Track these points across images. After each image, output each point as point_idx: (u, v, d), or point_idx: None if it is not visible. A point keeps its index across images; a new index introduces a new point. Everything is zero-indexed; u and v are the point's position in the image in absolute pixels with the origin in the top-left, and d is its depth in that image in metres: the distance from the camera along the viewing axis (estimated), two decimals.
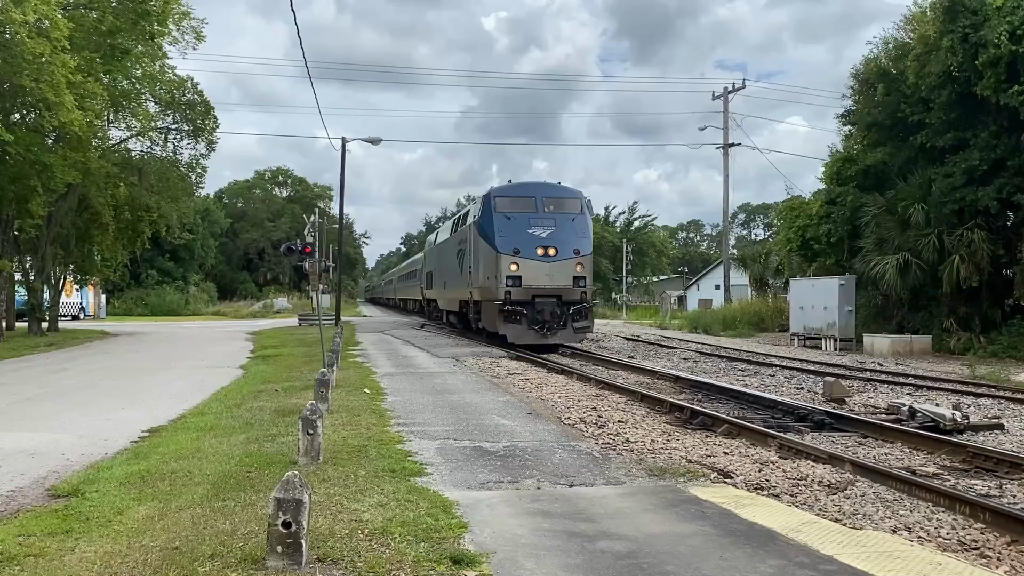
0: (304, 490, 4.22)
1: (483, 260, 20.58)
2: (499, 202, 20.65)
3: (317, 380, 9.48)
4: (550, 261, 19.60)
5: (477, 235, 21.18)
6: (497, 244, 19.74)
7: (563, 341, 19.96)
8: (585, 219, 20.84)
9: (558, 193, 21.29)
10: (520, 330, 19.42)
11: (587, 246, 20.37)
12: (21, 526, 5.23)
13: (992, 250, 20.84)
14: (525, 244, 19.65)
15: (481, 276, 20.81)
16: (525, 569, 4.34)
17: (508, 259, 19.52)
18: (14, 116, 23.47)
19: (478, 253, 21.06)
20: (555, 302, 19.54)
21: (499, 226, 19.97)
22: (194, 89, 31.66)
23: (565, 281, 19.68)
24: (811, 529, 5.15)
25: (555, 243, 19.76)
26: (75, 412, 10.77)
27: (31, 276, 30.05)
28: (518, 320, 19.36)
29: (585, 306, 19.89)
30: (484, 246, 20.48)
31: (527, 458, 7.34)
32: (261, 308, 61.57)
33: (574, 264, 19.79)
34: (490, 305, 20.18)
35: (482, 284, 20.68)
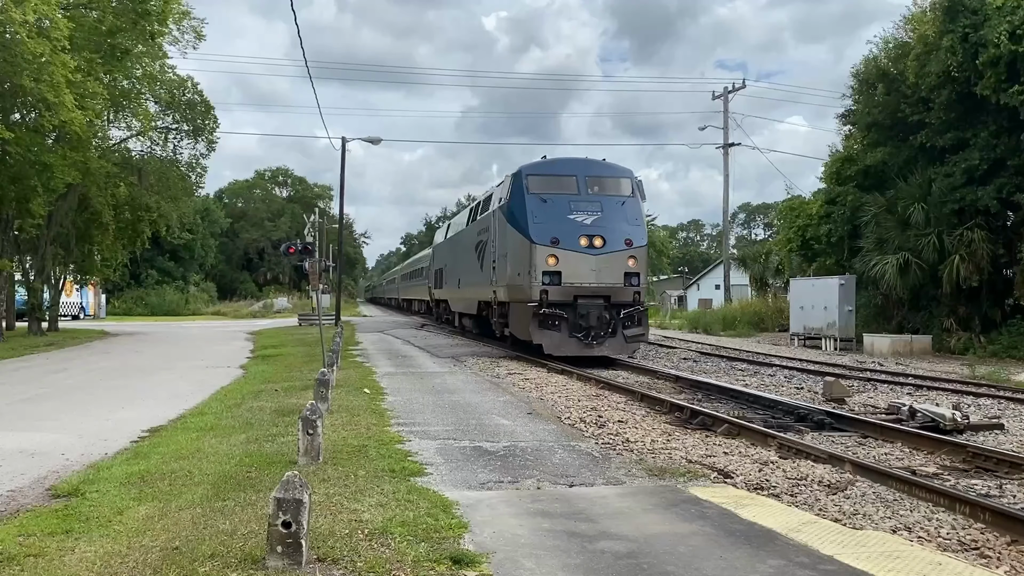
0: (304, 490, 4.22)
1: (512, 252, 17.29)
2: (532, 182, 17.19)
3: (317, 380, 9.48)
4: (596, 253, 16.28)
5: (504, 222, 17.87)
6: (531, 233, 16.40)
7: (612, 353, 16.67)
8: (637, 203, 17.44)
9: (604, 171, 18.01)
10: (559, 339, 16.13)
11: (641, 236, 16.98)
12: (21, 526, 5.23)
13: (992, 250, 20.83)
14: (565, 233, 16.31)
15: (509, 272, 17.51)
16: (525, 569, 4.34)
17: (545, 251, 16.21)
18: (14, 116, 23.47)
19: (505, 244, 17.76)
20: (602, 304, 16.33)
21: (533, 211, 16.64)
22: (194, 89, 31.70)
23: (614, 278, 16.39)
24: (811, 529, 5.15)
25: (602, 232, 16.43)
26: (75, 412, 10.77)
27: (31, 276, 30.05)
28: (556, 326, 16.13)
29: (639, 309, 16.63)
30: (514, 235, 17.18)
31: (527, 458, 7.34)
32: (261, 308, 61.57)
33: (625, 257, 16.45)
34: (521, 307, 16.87)
35: (510, 282, 17.41)
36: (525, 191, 17.01)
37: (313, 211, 67.05)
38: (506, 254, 17.72)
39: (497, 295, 18.88)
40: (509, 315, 18.02)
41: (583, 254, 16.28)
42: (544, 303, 16.06)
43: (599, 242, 16.34)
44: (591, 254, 16.28)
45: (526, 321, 16.46)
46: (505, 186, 18.30)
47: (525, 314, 16.49)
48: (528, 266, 16.34)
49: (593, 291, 16.27)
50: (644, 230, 17.30)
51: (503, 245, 18.02)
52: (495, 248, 18.81)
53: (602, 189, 17.34)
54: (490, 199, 20.69)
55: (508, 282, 17.57)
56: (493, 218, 19.24)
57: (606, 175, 17.81)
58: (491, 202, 20.21)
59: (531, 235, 16.41)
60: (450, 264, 27.25)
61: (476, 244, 21.43)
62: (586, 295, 16.26)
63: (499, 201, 18.75)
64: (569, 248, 16.27)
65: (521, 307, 16.90)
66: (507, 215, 17.64)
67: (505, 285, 17.83)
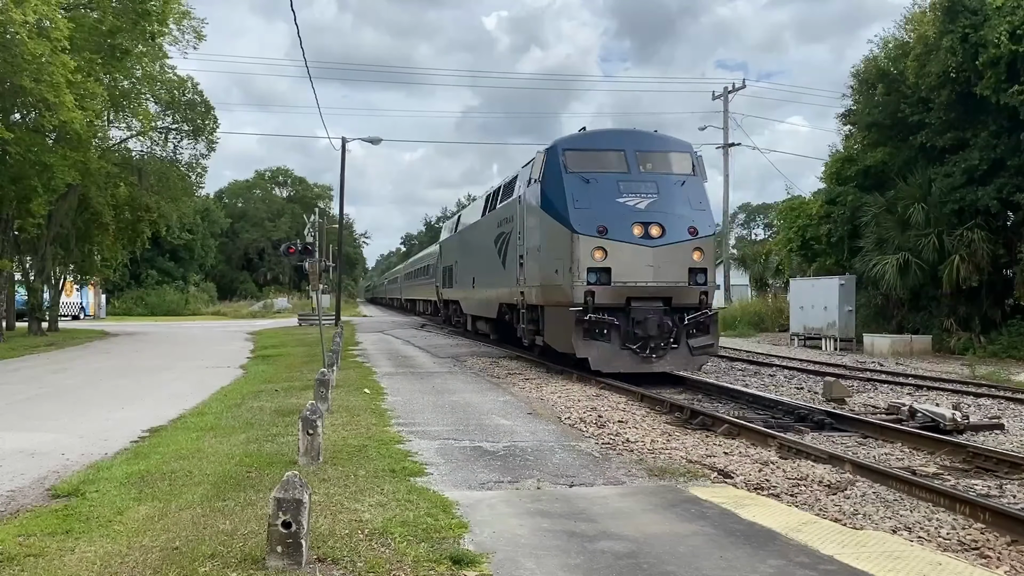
0: (304, 490, 4.22)
1: (547, 245, 14.47)
2: (572, 158, 14.27)
3: (317, 380, 9.48)
4: (655, 245, 13.34)
5: (535, 209, 15.05)
6: (572, 220, 13.43)
7: (675, 368, 13.78)
8: (699, 183, 14.60)
9: (658, 144, 15.07)
10: (609, 351, 13.18)
11: (707, 223, 14.09)
12: (21, 526, 5.23)
13: (992, 250, 20.82)
14: (615, 220, 13.37)
15: (543, 269, 14.64)
16: (525, 569, 4.34)
17: (590, 242, 13.23)
18: (14, 116, 23.48)
19: (538, 235, 14.97)
20: (662, 308, 13.36)
21: (574, 193, 13.72)
22: (194, 89, 31.72)
23: (677, 275, 13.42)
24: (811, 529, 5.15)
25: (660, 218, 13.50)
26: (75, 412, 10.78)
27: (31, 276, 30.05)
28: (605, 335, 13.17)
29: (707, 314, 13.70)
30: (549, 224, 14.33)
31: (527, 458, 7.34)
32: (261, 308, 61.59)
33: (690, 250, 13.52)
34: (560, 313, 13.99)
35: (545, 281, 14.53)
36: (563, 170, 14.10)
37: (313, 211, 67.02)
38: (539, 247, 14.85)
39: (526, 297, 16.03)
40: (543, 321, 15.21)
41: (638, 246, 13.33)
42: (590, 307, 13.10)
43: (657, 231, 13.39)
44: (648, 246, 13.33)
45: (566, 329, 13.52)
46: (536, 165, 15.31)
47: (565, 321, 13.60)
48: (569, 262, 13.41)
49: (651, 292, 13.36)
50: (711, 216, 14.41)
51: (534, 237, 15.18)
52: (523, 241, 16.03)
53: (656, 166, 14.47)
54: (513, 184, 17.82)
55: (542, 281, 14.71)
56: (519, 205, 16.50)
57: (661, 149, 14.86)
58: (515, 187, 17.32)
59: (572, 223, 13.43)
60: (462, 261, 24.59)
61: (496, 237, 18.71)
62: (642, 297, 13.38)
63: (527, 184, 15.91)
64: (620, 239, 13.29)
65: (560, 312, 14.02)
66: (539, 200, 14.77)
67: (538, 285, 15.00)
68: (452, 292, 27.15)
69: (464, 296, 24.46)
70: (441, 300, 30.93)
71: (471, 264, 22.72)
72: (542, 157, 15.02)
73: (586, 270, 13.25)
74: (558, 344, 14.40)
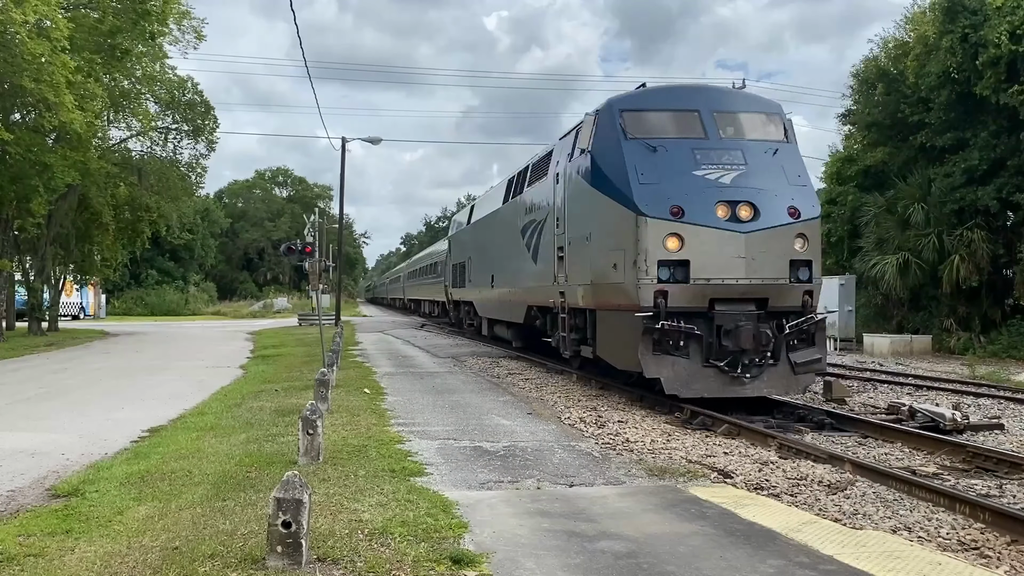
0: (304, 490, 4.22)
1: (600, 232, 11.56)
2: (632, 121, 11.27)
3: (317, 380, 9.48)
4: (746, 231, 10.27)
5: (583, 187, 12.18)
6: (637, 199, 10.41)
7: (774, 391, 10.66)
8: (795, 152, 11.61)
9: (741, 104, 12.13)
10: (688, 369, 10.20)
11: (810, 201, 10.92)
12: (21, 526, 5.23)
13: (992, 250, 20.84)
14: (693, 198, 10.39)
15: (593, 263, 11.79)
16: (525, 569, 4.34)
17: (661, 227, 10.21)
18: (14, 116, 23.48)
19: (585, 220, 12.15)
20: (755, 312, 10.32)
21: (638, 164, 10.72)
22: (194, 89, 31.75)
23: (775, 270, 10.41)
24: (811, 529, 5.15)
25: (751, 195, 10.46)
26: (75, 412, 10.78)
27: (31, 276, 30.06)
28: (682, 348, 10.18)
29: (813, 319, 10.59)
30: (603, 205, 11.43)
31: (527, 458, 7.34)
32: (261, 308, 61.59)
33: (791, 236, 10.52)
34: (619, 319, 11.02)
35: (597, 278, 11.61)
36: (621, 135, 11.11)
37: (313, 211, 67.04)
38: (587, 236, 11.98)
39: (568, 298, 13.08)
40: (593, 329, 12.22)
41: (724, 231, 10.23)
42: (662, 312, 10.05)
43: (747, 212, 10.36)
44: (737, 231, 10.26)
45: (629, 341, 10.53)
46: (583, 132, 12.26)
47: (627, 329, 10.59)
48: (633, 252, 10.41)
49: (741, 291, 10.32)
50: (813, 193, 11.35)
51: (581, 223, 12.32)
52: (563, 229, 13.16)
53: (740, 130, 11.49)
54: (547, 161, 14.88)
55: (593, 279, 11.75)
56: (556, 185, 13.68)
57: (744, 109, 11.90)
58: (550, 164, 14.44)
59: (637, 203, 10.36)
60: (478, 257, 21.82)
61: (524, 227, 15.96)
62: (730, 298, 10.33)
63: (568, 159, 13.07)
64: (700, 222, 10.23)
65: (619, 318, 11.01)
66: (589, 176, 11.92)
67: (586, 284, 12.06)
68: (464, 292, 24.32)
69: (480, 297, 21.74)
70: (450, 301, 28.23)
71: (489, 260, 20.00)
72: (592, 121, 11.94)
73: (656, 264, 10.18)
74: (616, 358, 11.42)
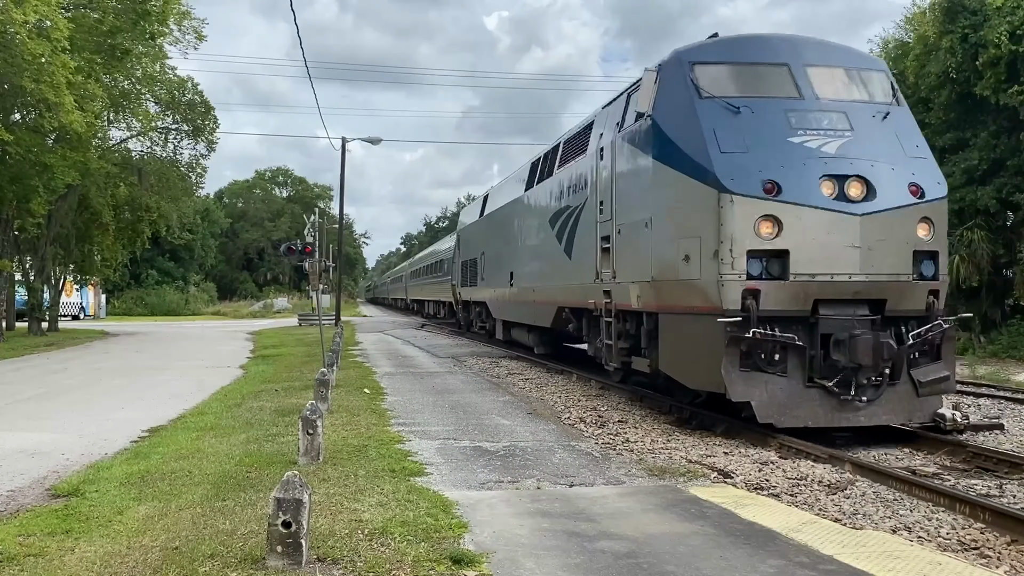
0: (304, 490, 4.22)
1: (665, 215, 9.34)
2: (708, 77, 9.11)
3: (317, 380, 9.48)
4: (860, 212, 8.25)
5: (641, 160, 9.95)
6: (719, 170, 8.34)
7: (896, 418, 8.60)
8: (907, 116, 9.64)
9: (839, 58, 9.74)
10: (786, 390, 8.17)
11: (932, 176, 9.09)
12: (21, 526, 5.23)
13: (992, 250, 20.83)
14: (791, 171, 8.30)
15: (655, 253, 9.55)
16: (525, 569, 4.34)
17: (752, 207, 8.17)
18: (14, 116, 23.49)
19: (644, 201, 9.88)
20: (869, 317, 8.34)
21: (716, 128, 8.62)
22: (194, 89, 31.74)
23: (896, 263, 8.43)
24: (811, 529, 5.15)
25: (863, 169, 8.40)
26: (75, 412, 10.78)
27: (31, 276, 30.06)
28: (777, 364, 8.20)
29: (940, 327, 8.78)
30: (669, 180, 9.21)
31: (527, 458, 7.34)
32: (261, 308, 61.61)
33: (914, 220, 8.62)
34: (693, 326, 8.83)
35: (661, 273, 9.42)
36: (694, 93, 8.88)
37: (313, 211, 67.02)
38: (647, 220, 9.68)
39: (615, 298, 10.85)
40: (654, 337, 9.84)
41: (833, 213, 8.09)
42: (752, 316, 7.96)
43: (858, 189, 8.26)
44: (849, 213, 8.17)
45: (708, 353, 8.38)
46: (643, 93, 9.67)
47: (706, 339, 8.41)
48: (713, 239, 8.26)
49: (855, 291, 8.25)
50: (936, 167, 9.41)
51: (638, 204, 10.02)
52: (610, 213, 10.88)
53: (841, 90, 9.21)
54: (584, 134, 12.61)
55: (656, 273, 9.48)
56: (599, 162, 11.40)
57: (844, 64, 9.59)
58: (590, 138, 12.21)
59: (719, 175, 8.23)
60: (493, 252, 19.74)
61: (555, 215, 13.75)
62: (839, 299, 8.24)
63: (617, 128, 10.89)
64: (801, 201, 8.09)
65: (693, 325, 8.75)
66: (650, 145, 9.60)
67: (646, 281, 9.73)
68: (476, 291, 22.24)
69: (495, 297, 19.66)
70: (459, 301, 26.18)
71: (508, 255, 17.98)
72: (653, 78, 9.57)
73: (745, 254, 8.05)
74: (687, 375, 9.12)
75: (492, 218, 20.20)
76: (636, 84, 10.49)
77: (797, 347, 8.18)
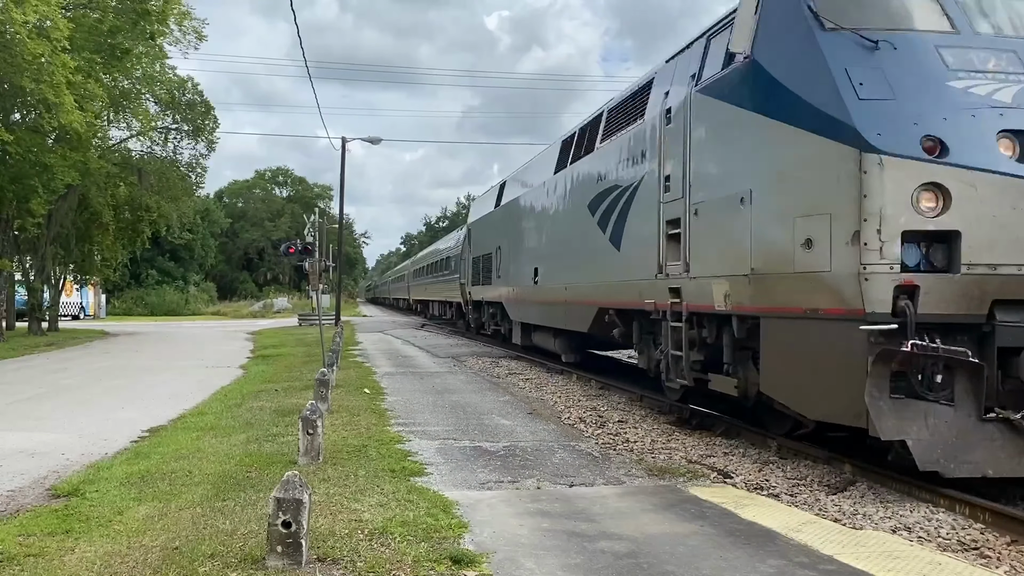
0: (304, 490, 4.22)
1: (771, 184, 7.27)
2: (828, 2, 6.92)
3: (317, 380, 9.48)
4: None
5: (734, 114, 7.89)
6: (857, 120, 6.21)
7: None
8: None
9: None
10: (954, 425, 5.89)
11: None
12: (21, 526, 5.23)
13: None
14: (953, 123, 6.15)
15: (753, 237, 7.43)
16: (525, 569, 4.35)
17: (907, 171, 6.00)
18: (14, 116, 23.49)
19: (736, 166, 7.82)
20: None
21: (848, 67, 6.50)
22: (194, 89, 31.77)
23: None
24: (811, 529, 5.15)
25: None
26: (75, 412, 10.78)
27: (31, 276, 30.07)
28: (941, 388, 5.90)
29: None
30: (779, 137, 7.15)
31: (527, 458, 7.34)
32: (261, 308, 61.62)
33: None
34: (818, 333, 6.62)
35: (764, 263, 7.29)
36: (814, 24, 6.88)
37: (313, 211, 67.10)
38: (743, 195, 7.55)
39: (687, 297, 8.71)
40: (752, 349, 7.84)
41: (1018, 180, 6.11)
42: (910, 322, 5.96)
43: None
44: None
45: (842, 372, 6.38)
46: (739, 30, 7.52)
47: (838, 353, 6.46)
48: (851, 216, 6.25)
49: None
50: None
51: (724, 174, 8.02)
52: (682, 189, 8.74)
53: (1006, 22, 7.22)
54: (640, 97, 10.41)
55: (759, 264, 7.35)
56: (668, 127, 9.17)
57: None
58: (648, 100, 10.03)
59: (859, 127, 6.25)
60: (512, 245, 17.73)
61: (597, 198, 11.71)
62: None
63: (692, 81, 8.76)
64: (975, 164, 6.13)
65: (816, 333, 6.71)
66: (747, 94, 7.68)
67: (741, 274, 7.60)
68: (489, 290, 20.28)
69: (515, 296, 17.51)
70: (469, 301, 24.08)
71: (531, 248, 15.96)
72: (752, 7, 7.43)
73: (899, 237, 6.08)
74: (804, 401, 6.96)
75: (511, 208, 18.04)
76: (718, 25, 8.62)
77: (970, 365, 5.92)
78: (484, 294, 21.51)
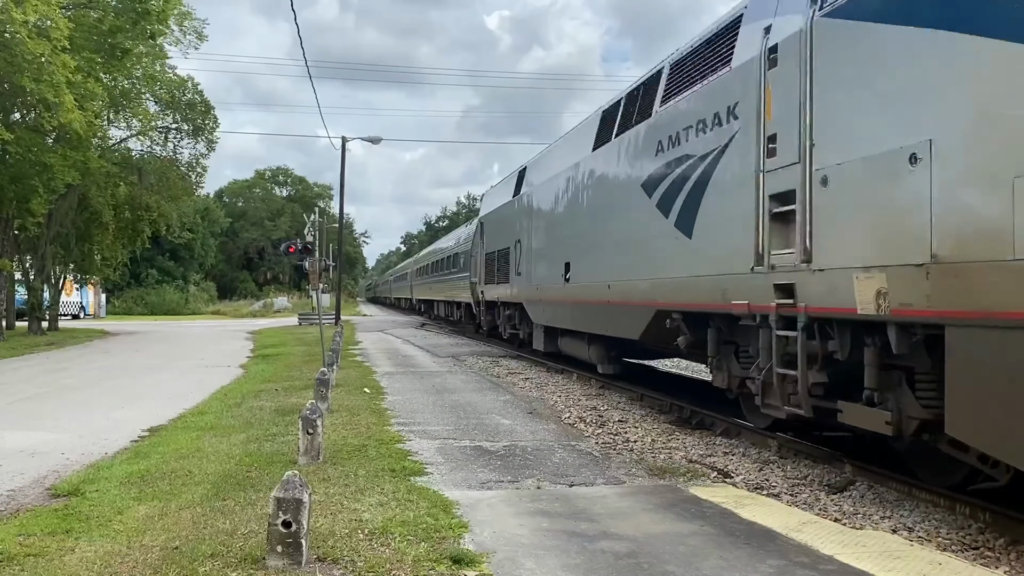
0: (304, 490, 4.22)
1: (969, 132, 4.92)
2: None
3: (317, 379, 9.48)
4: None
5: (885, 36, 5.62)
6: None
7: None
8: None
9: None
10: None
11: None
12: (21, 526, 5.23)
13: None
14: None
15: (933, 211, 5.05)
16: (525, 569, 4.34)
17: None
18: (14, 116, 23.49)
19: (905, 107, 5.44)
20: None
21: None
22: (194, 89, 31.74)
23: None
24: (811, 529, 5.15)
25: None
26: (75, 411, 10.77)
27: (31, 275, 30.07)
28: None
29: None
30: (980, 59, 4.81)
31: (527, 457, 7.34)
32: (261, 307, 61.62)
33: None
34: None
35: (951, 249, 4.93)
36: None
37: (313, 211, 67.10)
38: (912, 152, 5.31)
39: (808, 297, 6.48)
40: (921, 372, 5.65)
41: None
42: None
43: None
44: None
45: None
46: None
47: None
48: None
49: None
50: None
51: (879, 124, 5.73)
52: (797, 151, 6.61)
53: None
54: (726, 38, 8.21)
55: (945, 248, 5.03)
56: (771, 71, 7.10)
57: None
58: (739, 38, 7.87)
59: None
60: (534, 238, 15.87)
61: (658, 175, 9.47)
62: None
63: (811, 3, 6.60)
64: None
65: None
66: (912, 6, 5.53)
67: (912, 264, 5.27)
68: (506, 290, 18.35)
69: (538, 297, 15.51)
70: (481, 302, 22.07)
71: (561, 241, 13.94)
72: None
73: None
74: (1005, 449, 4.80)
75: (534, 195, 15.94)
76: None
77: None
78: (499, 294, 19.30)
